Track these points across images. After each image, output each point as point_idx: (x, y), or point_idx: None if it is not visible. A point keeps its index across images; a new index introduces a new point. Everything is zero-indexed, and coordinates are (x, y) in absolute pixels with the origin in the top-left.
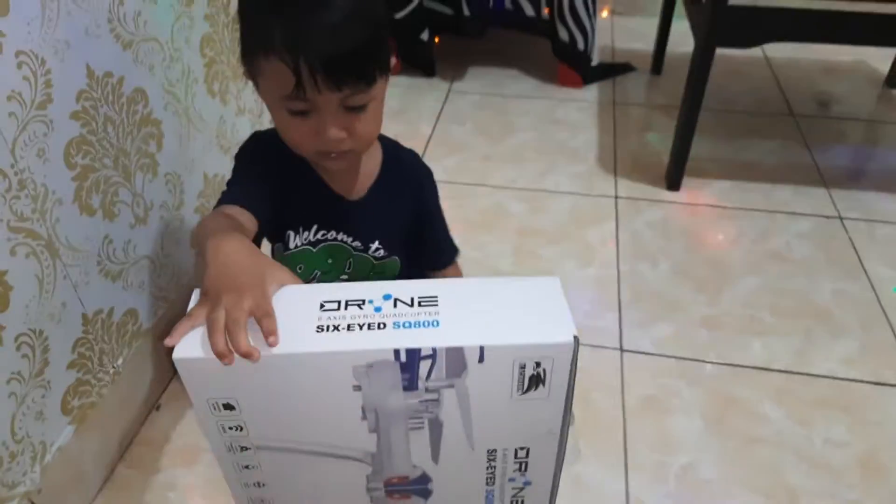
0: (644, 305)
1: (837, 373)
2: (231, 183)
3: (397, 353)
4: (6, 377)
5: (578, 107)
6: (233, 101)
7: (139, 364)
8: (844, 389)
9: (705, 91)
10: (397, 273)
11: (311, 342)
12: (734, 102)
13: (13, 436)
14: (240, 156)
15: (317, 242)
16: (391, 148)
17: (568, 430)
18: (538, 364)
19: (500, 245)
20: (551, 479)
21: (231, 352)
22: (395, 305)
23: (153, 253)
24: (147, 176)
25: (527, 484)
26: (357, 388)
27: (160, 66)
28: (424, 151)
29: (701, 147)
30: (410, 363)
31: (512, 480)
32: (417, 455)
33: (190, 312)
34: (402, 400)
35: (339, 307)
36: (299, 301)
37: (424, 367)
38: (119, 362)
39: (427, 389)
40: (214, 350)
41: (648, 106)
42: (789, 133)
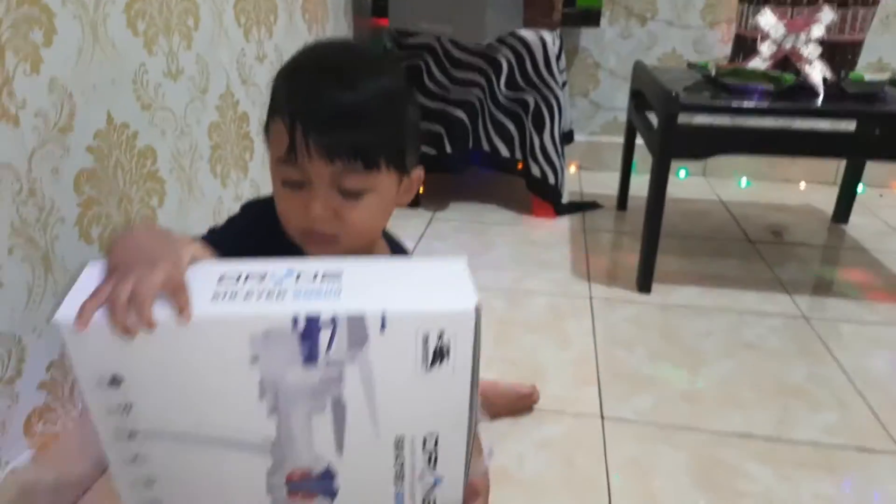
0: (622, 382)
1: (820, 440)
2: (211, 231)
3: (295, 321)
4: None
5: (552, 232)
6: (232, 187)
7: None
8: (828, 454)
9: (671, 224)
10: None
11: (205, 309)
12: (696, 231)
13: None
14: (228, 225)
15: None
16: (398, 252)
17: (476, 424)
18: (441, 336)
19: (482, 333)
20: (462, 476)
21: (136, 327)
22: (298, 279)
23: None
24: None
25: (437, 481)
26: (254, 361)
27: (171, 135)
28: None
29: (668, 263)
30: (309, 331)
31: (422, 479)
32: (320, 444)
33: (97, 290)
34: (302, 376)
35: (239, 279)
36: (201, 275)
37: (325, 337)
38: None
39: (328, 363)
40: (120, 325)
41: (616, 232)
42: (749, 254)
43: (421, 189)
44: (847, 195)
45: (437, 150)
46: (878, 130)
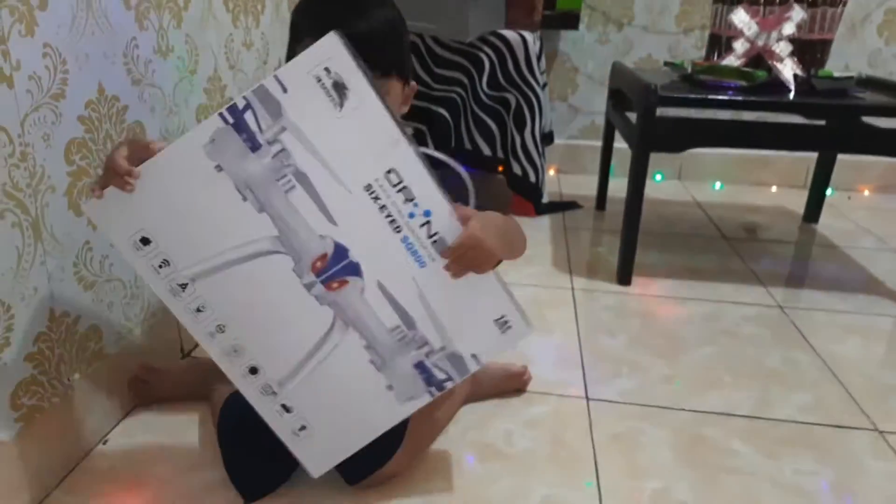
0: (606, 365)
1: (798, 418)
2: None
3: (224, 117)
4: None
5: (532, 229)
6: None
7: (94, 388)
8: (807, 431)
9: (648, 222)
10: None
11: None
12: (673, 230)
13: None
14: None
15: None
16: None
17: (412, 141)
18: (328, 70)
19: None
20: (443, 200)
21: (122, 178)
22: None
23: (127, 278)
24: None
25: (428, 213)
26: (219, 169)
27: (160, 112)
28: None
29: (647, 258)
30: (238, 121)
31: (412, 217)
32: (314, 221)
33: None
34: (258, 163)
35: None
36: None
37: (251, 120)
38: (75, 376)
39: (269, 142)
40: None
41: (596, 230)
42: (724, 250)
43: None
44: (817, 197)
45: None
46: (845, 125)
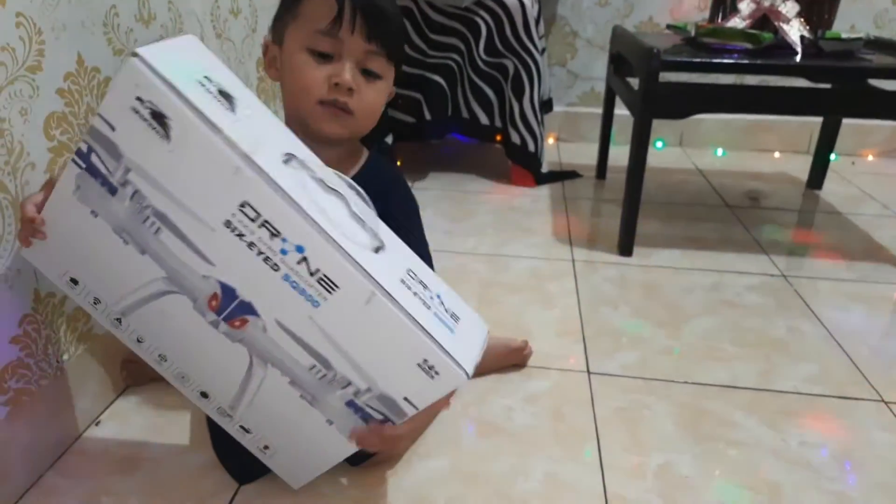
0: (607, 338)
1: (802, 389)
2: None
3: (76, 162)
4: None
5: (532, 199)
6: None
7: (84, 369)
8: (811, 402)
9: (650, 191)
10: None
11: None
12: (674, 199)
13: None
14: None
15: None
16: (378, 159)
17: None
18: (141, 100)
19: (465, 294)
20: (314, 237)
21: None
22: None
23: None
24: None
25: (301, 250)
26: (94, 214)
27: None
28: None
29: (648, 228)
30: (89, 166)
31: (285, 253)
32: (192, 263)
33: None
34: (120, 205)
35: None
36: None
37: (99, 164)
38: (64, 358)
39: (121, 184)
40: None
41: (597, 199)
42: (727, 218)
43: (399, 161)
44: (820, 162)
45: (416, 118)
46: (853, 88)
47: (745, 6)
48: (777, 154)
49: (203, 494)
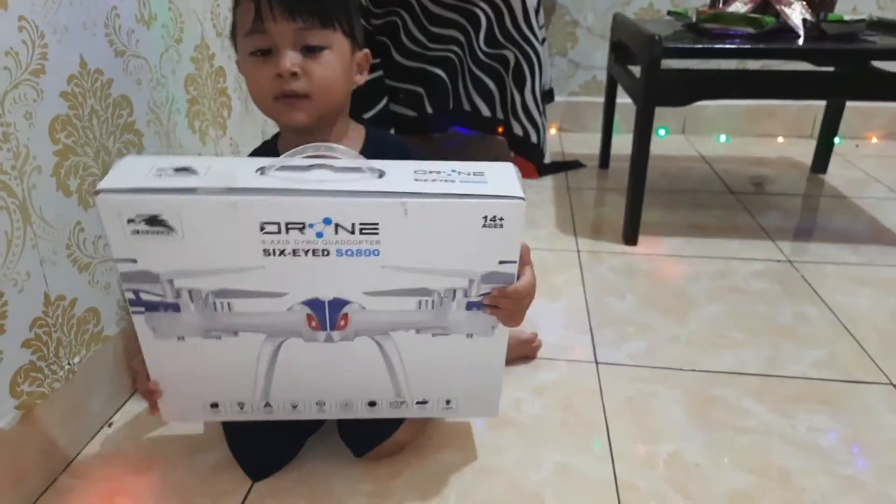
0: (614, 328)
1: (810, 374)
2: None
3: (135, 311)
4: None
5: (535, 191)
6: (211, 144)
7: (96, 371)
8: (820, 387)
9: (654, 179)
10: None
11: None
12: (678, 186)
13: None
14: None
15: None
16: (377, 132)
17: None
18: (136, 218)
19: None
20: (336, 197)
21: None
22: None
23: None
24: None
25: (328, 222)
26: (182, 339)
27: (147, 85)
28: None
29: (653, 216)
30: (146, 304)
31: (320, 236)
32: (270, 306)
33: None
34: (189, 314)
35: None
36: None
37: (148, 295)
38: (76, 360)
39: (176, 296)
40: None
41: (600, 189)
42: (731, 204)
43: None
44: (824, 146)
45: (418, 111)
46: (857, 70)
47: None
48: (781, 139)
49: (217, 493)
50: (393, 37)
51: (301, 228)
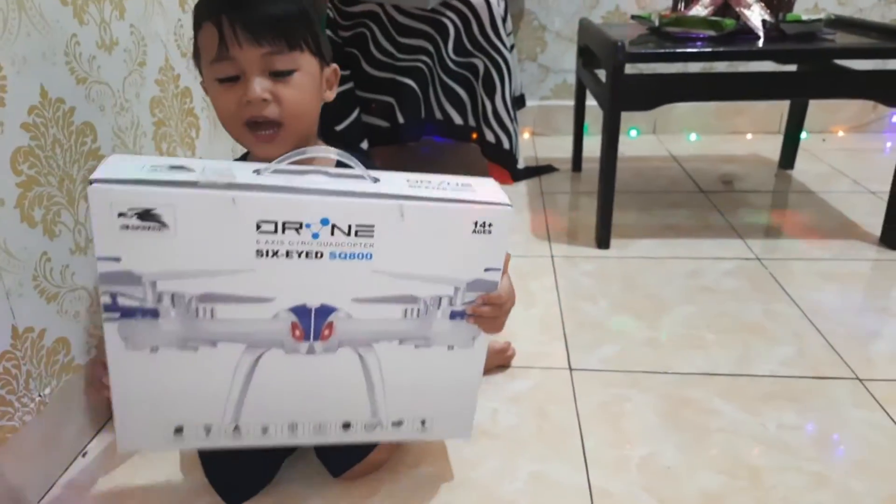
0: (588, 333)
1: (779, 372)
2: None
3: (109, 317)
4: None
5: (510, 196)
6: None
7: (68, 400)
8: (788, 385)
9: (625, 181)
10: None
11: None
12: (650, 187)
13: None
14: None
15: None
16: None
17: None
18: (129, 211)
19: None
20: (336, 197)
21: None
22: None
23: (92, 286)
24: None
25: (325, 222)
26: (155, 350)
27: (111, 110)
28: None
29: (625, 218)
30: (122, 310)
31: (316, 237)
32: (254, 312)
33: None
34: (168, 320)
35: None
36: None
37: (126, 299)
38: (46, 391)
39: (157, 301)
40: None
41: (573, 193)
42: (702, 204)
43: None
44: (791, 142)
45: (390, 122)
46: (817, 69)
47: None
48: (749, 136)
49: None
50: (362, 48)
51: (297, 228)
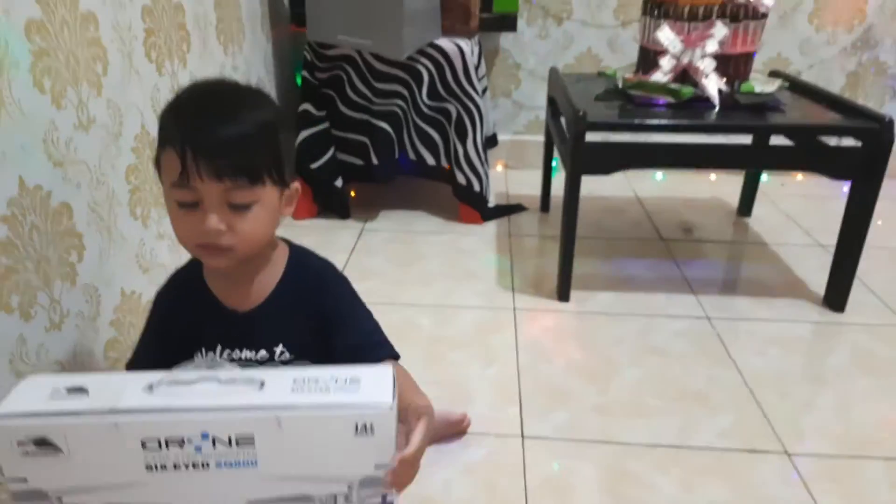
0: (542, 397)
1: (715, 444)
2: (140, 338)
3: None
4: None
5: (479, 239)
6: (153, 226)
7: None
8: (722, 458)
9: (589, 223)
10: None
11: None
12: (614, 232)
13: None
14: (155, 298)
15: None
16: (299, 256)
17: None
18: (24, 440)
19: (410, 352)
20: (213, 414)
21: None
22: None
23: (65, 359)
24: (66, 284)
25: (205, 436)
26: None
27: (87, 186)
28: None
29: (587, 266)
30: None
31: (199, 451)
32: None
33: None
34: None
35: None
36: None
37: None
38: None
39: None
40: None
41: (539, 237)
42: (660, 253)
43: (352, 193)
44: (751, 186)
45: (364, 161)
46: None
47: (666, 62)
48: (713, 176)
49: None
50: (339, 90)
51: (180, 444)
